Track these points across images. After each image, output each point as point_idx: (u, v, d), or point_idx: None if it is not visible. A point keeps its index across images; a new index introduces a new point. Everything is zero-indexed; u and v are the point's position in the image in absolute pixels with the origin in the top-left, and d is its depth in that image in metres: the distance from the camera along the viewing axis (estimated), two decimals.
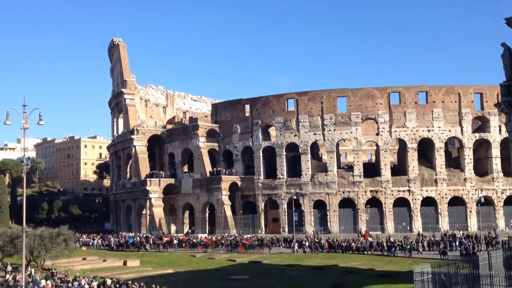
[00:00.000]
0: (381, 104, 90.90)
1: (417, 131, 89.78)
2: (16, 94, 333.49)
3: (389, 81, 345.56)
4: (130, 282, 41.03)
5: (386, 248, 63.94)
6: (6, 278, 47.05)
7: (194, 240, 77.18)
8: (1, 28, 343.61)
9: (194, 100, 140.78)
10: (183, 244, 76.07)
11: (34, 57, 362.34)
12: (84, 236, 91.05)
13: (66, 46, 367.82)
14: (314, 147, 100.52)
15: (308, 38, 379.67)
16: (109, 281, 42.11)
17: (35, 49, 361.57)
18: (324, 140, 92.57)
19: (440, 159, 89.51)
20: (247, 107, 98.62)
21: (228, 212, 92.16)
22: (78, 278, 43.81)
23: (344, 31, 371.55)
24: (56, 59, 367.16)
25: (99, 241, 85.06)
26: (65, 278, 44.46)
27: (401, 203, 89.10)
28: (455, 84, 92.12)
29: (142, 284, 39.90)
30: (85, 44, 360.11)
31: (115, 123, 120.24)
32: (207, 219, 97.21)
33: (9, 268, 51.70)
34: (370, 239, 70.54)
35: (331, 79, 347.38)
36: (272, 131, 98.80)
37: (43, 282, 43.64)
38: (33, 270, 48.99)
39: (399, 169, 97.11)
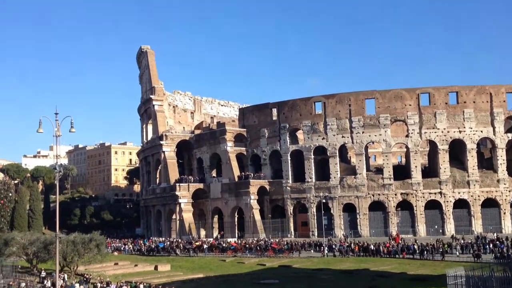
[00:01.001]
0: (410, 105, 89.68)
1: (448, 132, 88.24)
2: (49, 102, 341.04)
3: (418, 82, 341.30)
4: (161, 286, 41.42)
5: (418, 251, 62.90)
6: (45, 284, 47.76)
7: (224, 245, 77.37)
8: (34, 39, 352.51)
9: (222, 105, 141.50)
10: (213, 249, 76.36)
11: (65, 67, 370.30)
12: (117, 241, 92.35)
13: (96, 55, 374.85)
14: (343, 150, 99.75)
15: (334, 40, 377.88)
16: (141, 286, 42.56)
17: (66, 59, 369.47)
18: (352, 142, 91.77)
19: (472, 160, 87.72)
20: (274, 111, 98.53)
21: (257, 216, 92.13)
22: (110, 283, 44.42)
23: (371, 32, 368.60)
24: (86, 68, 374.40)
25: (130, 246, 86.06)
26: (101, 285, 44.99)
27: (433, 205, 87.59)
28: (486, 83, 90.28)
29: None
30: (115, 53, 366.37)
31: (144, 129, 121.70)
32: (236, 223, 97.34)
33: (43, 274, 52.70)
34: (401, 242, 69.45)
35: (359, 81, 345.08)
36: (300, 134, 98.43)
37: (77, 286, 44.34)
38: (66, 275, 49.84)
39: (430, 171, 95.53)
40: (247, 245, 75.83)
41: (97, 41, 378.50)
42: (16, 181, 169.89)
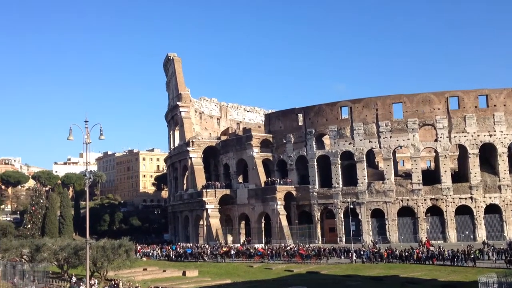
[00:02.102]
0: (439, 109, 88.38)
1: (478, 136, 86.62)
2: (78, 110, 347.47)
3: (446, 85, 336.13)
4: None
5: (449, 257, 61.77)
6: None
7: (251, 251, 77.35)
8: (63, 48, 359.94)
9: (247, 111, 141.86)
10: (240, 255, 76.41)
11: (94, 75, 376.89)
12: (146, 246, 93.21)
13: (123, 64, 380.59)
14: (370, 155, 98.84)
15: (361, 45, 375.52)
16: None
17: (94, 68, 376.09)
18: (380, 147, 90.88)
19: (503, 164, 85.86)
20: (300, 116, 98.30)
21: (284, 222, 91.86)
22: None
23: (398, 36, 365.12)
24: (115, 76, 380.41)
25: (159, 251, 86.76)
26: None
27: (463, 211, 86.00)
28: None
29: None
30: (142, 60, 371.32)
31: (171, 136, 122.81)
32: (263, 229, 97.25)
33: (74, 279, 53.46)
34: (432, 248, 68.30)
35: (386, 86, 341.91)
36: (326, 139, 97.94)
37: None
38: (96, 281, 50.43)
39: (460, 176, 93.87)
40: (274, 251, 75.68)
41: (125, 49, 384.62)
42: (47, 188, 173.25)
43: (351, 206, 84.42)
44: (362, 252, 68.93)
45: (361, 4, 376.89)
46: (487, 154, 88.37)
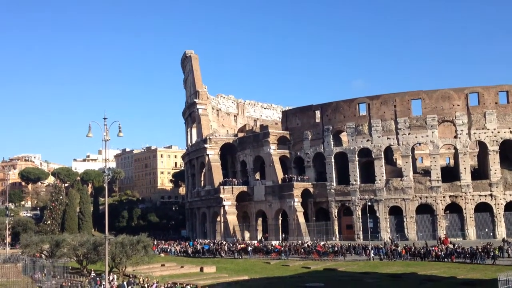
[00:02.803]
0: (458, 105, 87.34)
1: (498, 132, 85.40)
2: (97, 108, 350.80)
3: (465, 81, 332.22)
4: None
5: (468, 255, 61.12)
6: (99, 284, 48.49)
7: (269, 247, 77.42)
8: (83, 46, 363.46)
9: (264, 108, 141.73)
10: (257, 251, 76.52)
11: (113, 73, 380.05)
12: (164, 243, 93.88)
13: (142, 62, 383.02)
14: (388, 152, 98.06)
15: (379, 41, 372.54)
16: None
17: (113, 66, 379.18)
18: (398, 144, 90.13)
19: None
20: (318, 113, 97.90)
21: (301, 219, 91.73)
22: (157, 284, 45.11)
23: (416, 32, 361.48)
24: (133, 73, 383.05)
25: (177, 247, 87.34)
26: (148, 285, 45.73)
27: (483, 208, 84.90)
28: None
29: None
30: (160, 58, 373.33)
31: (189, 133, 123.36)
32: (280, 226, 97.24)
33: (93, 274, 54.06)
34: (450, 245, 67.61)
35: (404, 82, 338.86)
36: (344, 136, 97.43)
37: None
38: (115, 276, 50.93)
39: (479, 173, 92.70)
40: (291, 248, 75.63)
41: (143, 47, 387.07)
42: (66, 184, 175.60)
43: (369, 203, 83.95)
44: (380, 249, 68.52)
45: (380, 1, 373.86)
46: (508, 150, 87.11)
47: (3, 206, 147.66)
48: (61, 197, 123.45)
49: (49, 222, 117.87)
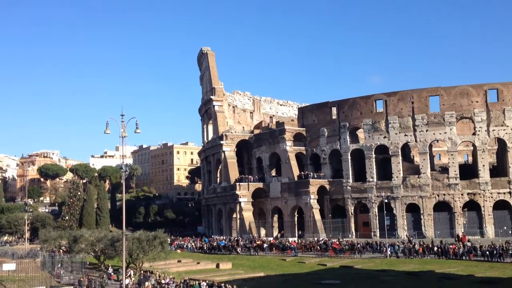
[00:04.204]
0: (477, 102, 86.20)
1: None
2: (115, 104, 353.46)
3: (484, 77, 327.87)
4: (223, 284, 41.85)
5: (486, 253, 60.37)
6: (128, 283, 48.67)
7: (285, 244, 77.35)
8: (100, 44, 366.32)
9: (281, 105, 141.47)
10: (273, 248, 76.51)
11: (129, 70, 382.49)
12: (180, 239, 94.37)
13: (158, 59, 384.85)
14: (405, 148, 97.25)
15: (396, 36, 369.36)
16: (204, 284, 43.16)
17: (130, 63, 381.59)
18: (415, 141, 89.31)
19: None
20: (334, 109, 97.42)
21: (317, 216, 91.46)
22: (173, 279, 45.38)
23: (434, 28, 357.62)
24: (150, 70, 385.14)
25: (193, 244, 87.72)
26: (164, 281, 46.05)
27: (502, 206, 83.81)
28: None
29: (235, 286, 40.54)
30: (176, 55, 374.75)
31: (205, 130, 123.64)
32: (296, 223, 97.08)
33: (110, 270, 54.55)
34: (468, 243, 66.86)
35: (422, 78, 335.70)
36: (360, 133, 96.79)
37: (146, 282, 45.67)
38: (132, 271, 51.32)
39: (498, 170, 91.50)
40: (307, 245, 75.45)
41: (160, 44, 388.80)
42: (84, 181, 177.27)
43: (386, 201, 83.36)
44: (396, 247, 67.98)
45: None
46: None
47: (22, 202, 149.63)
48: (79, 193, 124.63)
49: (67, 217, 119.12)
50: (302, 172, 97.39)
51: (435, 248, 64.90)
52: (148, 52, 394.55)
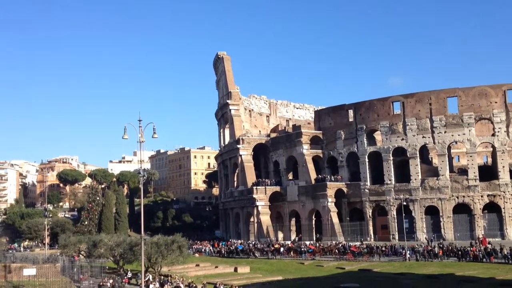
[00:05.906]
0: (496, 102, 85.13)
1: None
2: (132, 110, 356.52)
3: (503, 78, 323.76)
4: None
5: (507, 255, 59.49)
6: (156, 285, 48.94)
7: (303, 248, 77.12)
8: (118, 49, 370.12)
9: (297, 108, 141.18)
10: (291, 251, 76.32)
11: (148, 75, 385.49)
12: (198, 243, 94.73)
13: (175, 64, 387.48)
14: (423, 150, 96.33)
15: (412, 39, 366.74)
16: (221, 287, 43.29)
17: (148, 68, 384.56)
18: (434, 143, 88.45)
19: None
20: (351, 112, 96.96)
21: (335, 219, 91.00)
22: (192, 284, 45.53)
23: (452, 29, 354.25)
24: (167, 76, 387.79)
25: (211, 248, 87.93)
26: (183, 285, 46.23)
27: None
28: None
29: None
30: (193, 60, 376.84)
31: (221, 134, 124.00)
32: (313, 226, 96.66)
33: (129, 274, 54.96)
34: (488, 246, 65.96)
35: (440, 80, 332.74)
36: (377, 135, 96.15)
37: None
38: (150, 276, 51.65)
39: None
40: (325, 248, 75.12)
41: (177, 49, 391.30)
42: (103, 186, 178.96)
43: (404, 203, 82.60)
44: (416, 250, 67.33)
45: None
46: None
47: (42, 207, 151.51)
48: (97, 198, 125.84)
49: (86, 222, 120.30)
50: (319, 175, 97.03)
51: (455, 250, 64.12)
52: (165, 58, 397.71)
